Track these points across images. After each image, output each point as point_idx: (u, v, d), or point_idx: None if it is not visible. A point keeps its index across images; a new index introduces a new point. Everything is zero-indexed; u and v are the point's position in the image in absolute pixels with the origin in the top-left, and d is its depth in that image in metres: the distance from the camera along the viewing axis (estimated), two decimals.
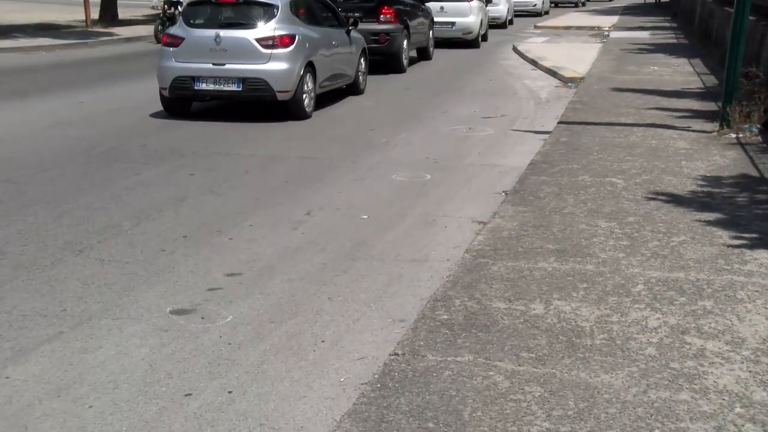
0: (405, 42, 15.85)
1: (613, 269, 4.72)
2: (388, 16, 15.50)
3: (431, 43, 18.21)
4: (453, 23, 20.79)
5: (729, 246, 5.10)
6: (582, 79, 13.61)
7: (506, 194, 6.60)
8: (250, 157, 8.23)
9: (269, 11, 10.21)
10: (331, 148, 8.68)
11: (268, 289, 4.78)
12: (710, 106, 10.23)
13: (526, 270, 4.72)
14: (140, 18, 28.52)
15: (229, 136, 9.26)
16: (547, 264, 4.82)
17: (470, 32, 20.91)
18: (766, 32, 10.70)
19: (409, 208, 6.49)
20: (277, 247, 5.55)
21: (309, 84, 10.44)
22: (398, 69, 15.67)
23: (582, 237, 5.31)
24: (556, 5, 45.16)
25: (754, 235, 5.29)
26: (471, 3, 20.88)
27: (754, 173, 6.96)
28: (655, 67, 14.69)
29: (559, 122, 9.54)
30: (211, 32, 10.09)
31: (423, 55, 17.96)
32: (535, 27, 28.06)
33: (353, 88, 12.50)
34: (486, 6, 22.96)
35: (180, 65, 10.11)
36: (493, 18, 26.20)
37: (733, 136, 8.36)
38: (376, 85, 13.58)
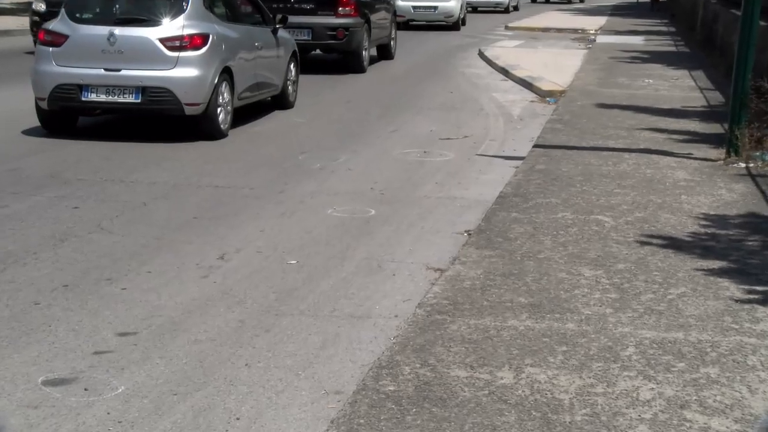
0: (366, 38, 16.90)
1: (598, 328, 4.78)
2: (347, 8, 16.51)
3: (393, 40, 19.62)
4: (435, 7, 27.10)
5: (737, 300, 5.21)
6: (563, 92, 13.88)
7: (469, 234, 6.66)
8: (150, 185, 8.18)
9: (177, 5, 10.09)
10: (252, 175, 8.68)
11: (171, 353, 4.73)
12: (715, 128, 10.50)
13: (492, 329, 4.76)
14: (6, 5, 28.15)
15: (123, 160, 9.19)
16: (519, 322, 4.86)
17: (451, 16, 27.41)
18: None
19: (348, 251, 6.50)
20: (183, 299, 5.49)
21: (225, 95, 10.36)
22: (358, 68, 16.78)
23: (561, 288, 5.38)
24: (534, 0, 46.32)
25: (766, 288, 5.41)
26: None
27: (767, 211, 7.15)
28: (650, 80, 15.06)
29: (535, 146, 9.70)
30: (103, 29, 9.90)
31: (384, 53, 19.10)
32: (507, 28, 28.57)
33: (280, 100, 12.52)
34: None
35: (63, 70, 9.89)
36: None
37: (742, 165, 8.59)
38: (310, 96, 13.64)
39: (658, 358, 4.41)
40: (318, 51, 17.60)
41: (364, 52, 16.86)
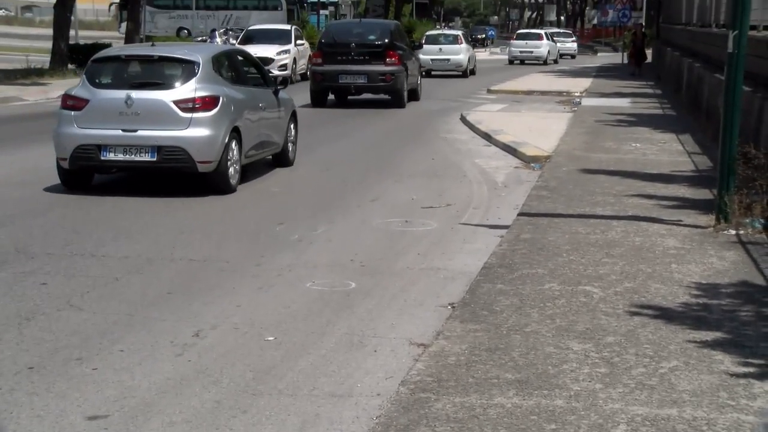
0: (405, 81, 22.90)
1: (588, 405, 4.79)
2: (393, 59, 22.54)
3: (420, 85, 25.54)
4: (448, 59, 36.28)
5: (732, 375, 5.24)
6: (548, 158, 14.01)
7: (453, 307, 6.69)
8: (122, 259, 8.18)
9: (189, 69, 11.08)
10: (227, 247, 8.70)
11: None
12: (704, 193, 10.62)
13: (478, 407, 4.76)
14: None
15: (93, 232, 9.20)
16: (506, 399, 4.87)
17: (461, 65, 36.48)
18: (765, 105, 11.25)
19: (328, 326, 6.50)
20: (157, 378, 5.48)
21: (234, 153, 11.27)
22: (400, 104, 22.77)
23: (549, 363, 5.40)
24: (511, 63, 47.17)
25: (762, 361, 5.45)
26: (461, 45, 36.89)
27: (760, 280, 7.22)
28: (638, 144, 15.24)
29: (520, 214, 9.77)
30: (121, 93, 10.84)
31: (412, 96, 24.30)
32: (489, 91, 28.87)
33: (281, 159, 13.46)
34: (473, 49, 40.01)
35: (83, 132, 10.77)
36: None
37: (733, 232, 8.68)
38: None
39: None
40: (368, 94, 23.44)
41: (404, 92, 22.86)
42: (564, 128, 17.79)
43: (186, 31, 50.71)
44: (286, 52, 30.07)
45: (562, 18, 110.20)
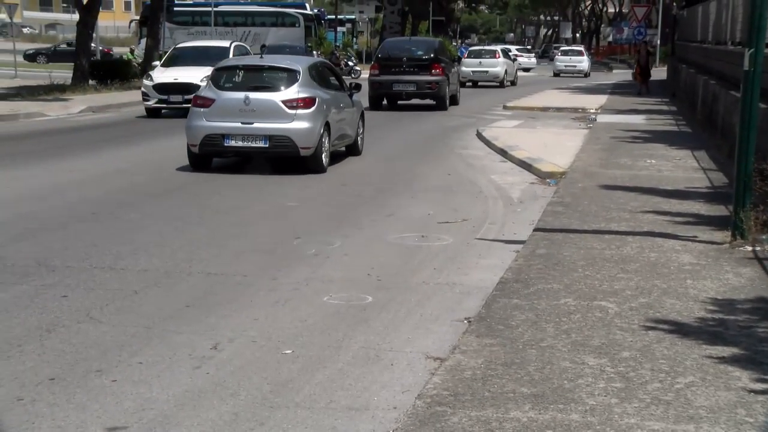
0: (447, 88, 27.77)
1: (603, 419, 4.78)
2: (437, 70, 27.38)
3: (459, 92, 30.62)
4: (487, 71, 41.53)
5: (750, 391, 5.22)
6: (563, 174, 14.00)
7: (469, 322, 6.68)
8: (140, 272, 8.21)
9: (292, 76, 14.32)
10: (243, 262, 8.72)
11: None
12: (719, 209, 10.59)
13: (494, 421, 4.76)
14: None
15: (108, 247, 9.23)
16: (521, 413, 4.86)
17: (497, 77, 41.65)
18: None
19: (345, 340, 6.51)
20: (175, 391, 5.49)
21: (326, 142, 14.43)
22: (442, 108, 27.46)
23: (565, 378, 5.39)
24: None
25: None
26: (498, 59, 41.91)
27: None
28: (653, 160, 15.21)
29: (536, 229, 9.76)
30: (240, 94, 13.97)
31: (453, 101, 29.00)
32: (504, 107, 28.91)
33: (353, 149, 16.59)
34: (514, 61, 46.32)
35: (211, 124, 13.88)
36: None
37: (749, 248, 8.65)
38: (304, 181, 13.79)
39: None
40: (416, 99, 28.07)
41: (447, 99, 27.80)
42: (579, 144, 17.77)
43: None
44: None
45: (578, 35, 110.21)
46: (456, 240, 9.87)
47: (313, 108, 13.98)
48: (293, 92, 13.99)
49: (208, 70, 22.69)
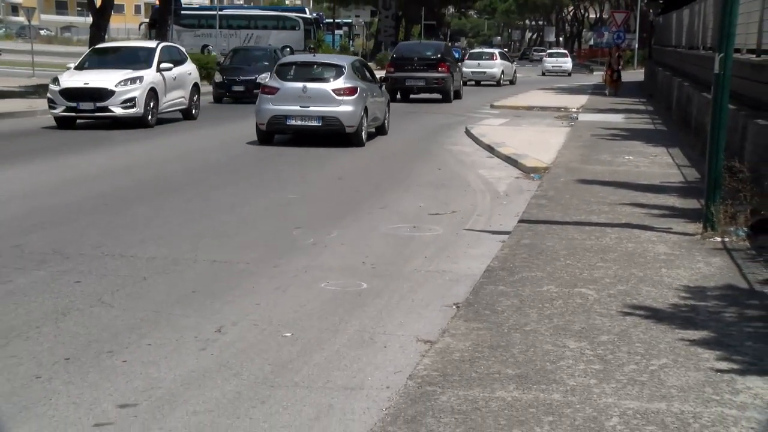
0: (452, 84, 31.04)
1: (583, 399, 4.81)
2: (443, 68, 30.64)
3: (461, 88, 33.36)
4: (485, 72, 43.43)
5: (717, 371, 5.25)
6: (547, 169, 14.02)
7: (458, 307, 6.70)
8: (149, 260, 8.22)
9: (339, 70, 17.40)
10: (247, 251, 8.73)
11: (170, 424, 4.73)
12: (692, 203, 10.61)
13: (481, 400, 4.78)
14: (14, 89, 28.72)
15: (120, 235, 9.24)
16: (506, 393, 4.89)
17: (494, 77, 43.39)
18: (748, 123, 11.26)
19: (341, 324, 6.53)
20: (181, 371, 5.51)
21: (365, 122, 17.35)
22: (448, 100, 30.65)
23: (547, 360, 5.41)
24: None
25: (745, 359, 5.45)
26: (495, 61, 44.02)
27: (743, 284, 7.22)
28: (631, 157, 15.22)
29: (521, 221, 9.78)
30: (299, 84, 16.95)
31: (456, 96, 31.90)
32: (492, 107, 28.91)
33: (381, 130, 19.36)
34: (512, 63, 47.76)
35: (276, 107, 16.86)
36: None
37: (719, 239, 8.68)
38: (305, 174, 13.78)
39: (642, 429, 4.44)
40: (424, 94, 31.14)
41: (451, 93, 30.99)
42: (562, 141, 17.79)
43: (209, 48, 50.85)
44: (136, 80, 19.77)
45: (561, 39, 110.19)
46: (446, 231, 9.89)
47: (356, 95, 16.89)
48: (340, 83, 16.98)
49: (125, 74, 19.69)
